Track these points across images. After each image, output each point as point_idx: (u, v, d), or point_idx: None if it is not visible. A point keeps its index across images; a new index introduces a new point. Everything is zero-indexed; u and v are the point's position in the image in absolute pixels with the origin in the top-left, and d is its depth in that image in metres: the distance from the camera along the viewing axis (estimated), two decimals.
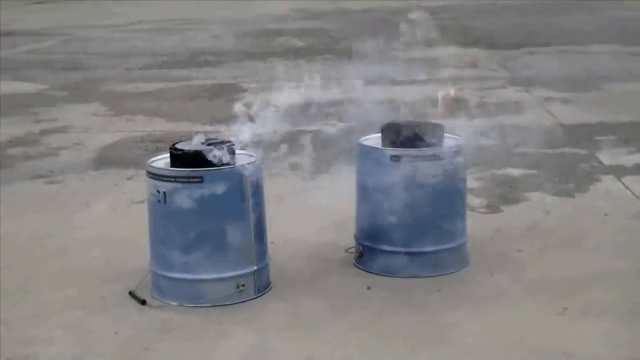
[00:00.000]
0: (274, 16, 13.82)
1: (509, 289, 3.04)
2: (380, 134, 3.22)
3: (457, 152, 3.11)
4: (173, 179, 2.85)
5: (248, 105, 3.87)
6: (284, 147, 3.79)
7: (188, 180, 2.84)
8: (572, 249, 3.40)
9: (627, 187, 4.21)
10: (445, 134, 3.17)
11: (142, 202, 3.81)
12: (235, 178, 2.87)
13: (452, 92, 3.38)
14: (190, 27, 12.58)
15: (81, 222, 3.85)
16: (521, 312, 2.84)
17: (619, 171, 4.47)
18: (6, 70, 8.80)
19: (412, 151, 3.05)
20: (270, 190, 3.82)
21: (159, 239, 2.96)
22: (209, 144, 2.91)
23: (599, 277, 3.11)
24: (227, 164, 2.88)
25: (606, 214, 3.81)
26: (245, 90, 6.79)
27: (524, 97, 6.62)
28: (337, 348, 2.61)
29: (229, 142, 2.97)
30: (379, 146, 3.15)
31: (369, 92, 6.31)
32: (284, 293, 3.03)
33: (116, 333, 2.73)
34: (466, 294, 3.01)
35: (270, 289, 3.06)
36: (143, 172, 3.04)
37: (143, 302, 2.93)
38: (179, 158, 2.88)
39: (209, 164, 2.85)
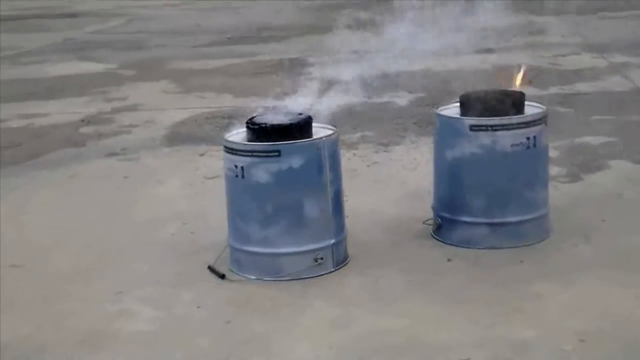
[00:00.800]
0: None
1: (594, 259, 2.95)
2: (457, 104, 3.15)
3: (539, 120, 3.02)
4: (250, 154, 2.83)
5: (316, 79, 3.83)
6: (355, 120, 3.76)
7: (265, 154, 2.81)
8: None
9: None
10: (526, 102, 3.08)
11: (215, 177, 3.83)
12: (313, 151, 2.83)
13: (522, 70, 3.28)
14: (250, 4, 12.57)
15: (156, 199, 3.88)
16: (609, 283, 2.75)
17: None
18: (72, 50, 8.94)
19: (493, 120, 2.97)
20: (344, 164, 3.80)
21: (237, 214, 2.95)
22: (286, 116, 2.89)
23: None
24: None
25: None
26: (312, 65, 6.75)
27: (599, 63, 6.43)
28: (419, 320, 2.57)
29: (306, 115, 2.94)
30: (458, 116, 3.08)
31: (440, 63, 6.22)
32: (363, 266, 3.00)
33: (198, 307, 2.74)
34: (550, 265, 2.93)
35: (348, 262, 3.03)
36: (215, 148, 3.04)
37: (222, 276, 2.93)
38: (256, 132, 2.86)
39: (286, 137, 2.82)
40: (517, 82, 3.22)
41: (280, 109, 3.09)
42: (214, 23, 10.49)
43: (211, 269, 2.99)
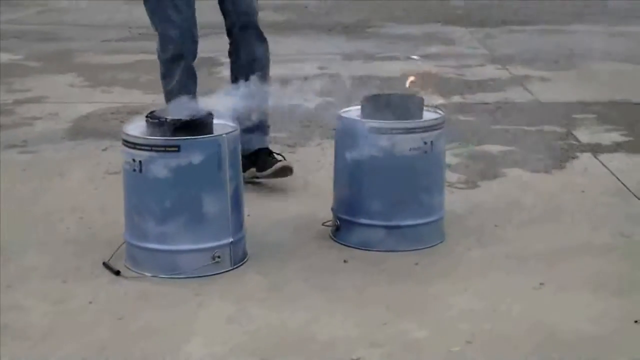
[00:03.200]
0: None
1: (486, 263, 3.04)
2: (360, 107, 3.19)
3: (437, 125, 3.10)
4: (149, 148, 2.81)
5: (226, 79, 3.80)
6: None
7: (164, 149, 2.79)
8: (549, 225, 3.41)
9: (604, 165, 4.22)
10: (425, 107, 3.16)
11: (117, 173, 3.77)
12: (213, 148, 2.83)
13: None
14: None
15: (55, 192, 3.80)
16: (499, 287, 2.84)
17: (596, 149, 4.49)
18: None
19: (392, 123, 3.03)
20: None
21: (134, 209, 2.92)
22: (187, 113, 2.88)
23: (576, 252, 3.12)
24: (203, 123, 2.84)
25: (583, 191, 3.82)
26: (222, 64, 6.71)
27: (502, 74, 6.62)
28: (315, 319, 2.60)
29: (207, 111, 2.93)
30: (358, 118, 3.13)
31: (348, 67, 6.30)
32: (261, 265, 3.01)
33: (90, 302, 2.70)
34: (443, 267, 3.01)
35: (247, 261, 3.03)
36: (118, 143, 3.01)
37: (117, 273, 2.90)
38: (156, 126, 2.84)
39: (186, 132, 2.81)
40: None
41: (184, 105, 3.07)
42: (128, 18, 10.31)
43: (106, 265, 2.95)
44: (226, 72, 3.76)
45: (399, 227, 3.11)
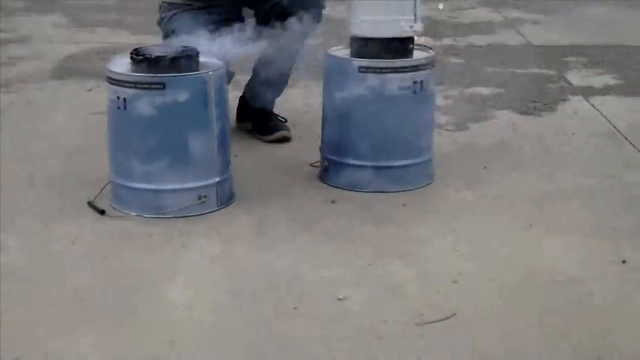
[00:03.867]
0: None
1: (474, 204, 3.02)
2: (348, 46, 3.13)
3: (427, 64, 3.04)
4: (134, 85, 2.75)
5: None
6: (250, 61, 3.71)
7: (149, 86, 2.74)
8: (538, 167, 3.38)
9: (595, 107, 4.19)
10: (415, 47, 3.10)
11: (102, 113, 3.71)
12: (199, 85, 2.77)
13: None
14: None
15: (39, 132, 3.75)
16: (486, 227, 2.82)
17: (588, 92, 4.45)
18: None
19: (381, 62, 2.97)
20: (235, 104, 3.76)
21: (119, 148, 2.87)
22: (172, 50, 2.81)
23: (565, 195, 3.11)
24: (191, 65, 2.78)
25: (573, 133, 3.79)
26: None
27: (494, 17, 6.55)
28: (301, 259, 2.58)
29: (193, 48, 2.87)
30: (347, 57, 3.07)
31: (336, 9, 6.20)
32: (248, 206, 2.98)
33: (73, 242, 2.67)
34: (431, 208, 2.99)
35: (233, 201, 3.00)
36: (103, 84, 2.96)
37: (102, 212, 2.87)
38: (141, 63, 2.77)
39: (171, 70, 2.75)
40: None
41: (170, 44, 3.01)
42: None
43: (91, 204, 2.92)
44: None
45: (388, 168, 3.08)
